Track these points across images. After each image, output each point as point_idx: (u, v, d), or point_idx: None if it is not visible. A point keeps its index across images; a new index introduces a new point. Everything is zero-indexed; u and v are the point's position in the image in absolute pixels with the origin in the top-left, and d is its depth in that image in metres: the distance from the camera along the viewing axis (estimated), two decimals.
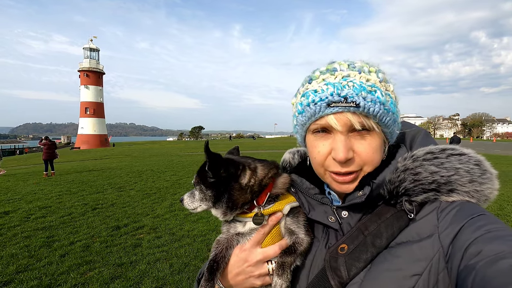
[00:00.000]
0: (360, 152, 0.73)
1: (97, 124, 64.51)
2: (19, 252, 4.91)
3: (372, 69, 0.74)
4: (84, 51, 65.38)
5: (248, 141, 67.27)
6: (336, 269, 0.72)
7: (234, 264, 0.84)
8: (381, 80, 0.73)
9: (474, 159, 0.73)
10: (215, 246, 0.89)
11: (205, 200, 0.85)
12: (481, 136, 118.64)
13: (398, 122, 0.78)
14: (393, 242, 0.70)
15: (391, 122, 0.74)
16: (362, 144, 0.73)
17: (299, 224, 0.85)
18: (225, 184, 0.83)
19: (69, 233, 5.81)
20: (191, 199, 0.88)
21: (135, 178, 12.52)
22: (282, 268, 0.80)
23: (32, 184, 11.44)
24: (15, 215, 7.11)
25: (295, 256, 0.81)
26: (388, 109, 0.72)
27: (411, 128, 0.88)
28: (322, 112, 0.72)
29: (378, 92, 0.71)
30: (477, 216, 0.63)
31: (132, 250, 4.98)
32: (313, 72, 0.78)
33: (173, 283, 3.90)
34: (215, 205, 0.84)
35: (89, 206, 7.83)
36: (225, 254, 0.86)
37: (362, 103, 0.69)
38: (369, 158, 0.74)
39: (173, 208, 7.53)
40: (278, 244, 0.84)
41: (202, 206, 0.87)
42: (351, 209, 0.79)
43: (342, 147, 0.71)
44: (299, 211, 0.87)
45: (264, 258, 0.83)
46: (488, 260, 0.52)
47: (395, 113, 0.75)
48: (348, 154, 0.72)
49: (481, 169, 0.71)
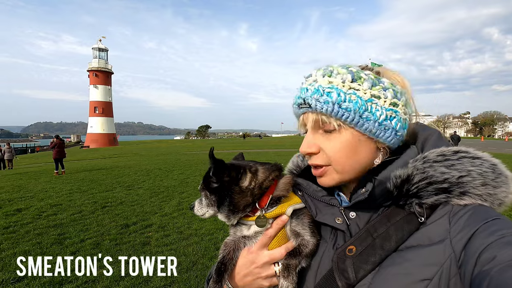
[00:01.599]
0: (324, 148, 0.79)
1: (106, 123, 65.42)
2: (32, 249, 5.02)
3: (341, 71, 0.77)
4: (93, 51, 66.32)
5: (254, 140, 67.29)
6: (343, 270, 0.71)
7: (242, 266, 0.86)
8: (344, 81, 0.76)
9: (488, 162, 0.72)
10: (222, 248, 0.90)
11: (210, 205, 0.87)
12: (492, 135, 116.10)
13: (377, 120, 0.75)
14: (402, 246, 0.69)
15: (355, 120, 0.74)
16: (329, 140, 0.79)
17: (304, 226, 0.85)
18: (227, 188, 0.84)
19: (80, 231, 5.92)
20: (200, 206, 0.91)
21: (143, 176, 12.66)
22: (288, 270, 0.81)
23: (44, 182, 11.67)
24: (28, 213, 7.27)
25: (300, 258, 0.82)
26: (348, 108, 0.74)
27: (424, 129, 0.87)
28: (297, 112, 0.84)
29: (334, 93, 0.75)
30: (491, 220, 0.62)
31: (140, 248, 5.04)
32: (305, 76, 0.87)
33: (181, 282, 3.94)
34: (219, 209, 0.86)
35: (99, 204, 7.96)
36: (233, 256, 0.88)
37: (313, 103, 0.76)
38: (333, 155, 0.78)
39: (181, 207, 7.60)
40: (284, 247, 0.85)
41: (209, 212, 0.89)
42: (358, 209, 0.79)
43: (304, 142, 0.81)
44: (304, 213, 0.87)
45: (271, 260, 0.84)
46: (502, 266, 0.51)
47: (361, 111, 0.74)
48: (308, 148, 0.80)
49: (495, 173, 0.69)
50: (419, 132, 0.86)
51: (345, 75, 0.77)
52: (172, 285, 3.87)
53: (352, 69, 0.78)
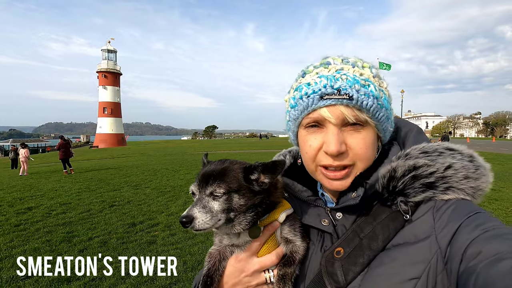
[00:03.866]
0: (353, 147, 0.71)
1: (115, 124, 66.30)
2: (41, 246, 5.13)
3: (365, 64, 0.74)
4: (102, 52, 67.33)
5: (255, 140, 67.29)
6: (332, 274, 0.70)
7: (231, 275, 0.81)
8: (374, 76, 0.73)
9: (466, 155, 0.73)
10: (207, 259, 0.86)
11: (231, 211, 0.82)
12: (504, 135, 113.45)
13: (391, 119, 0.78)
14: (389, 244, 0.68)
15: (384, 118, 0.74)
16: (355, 138, 0.71)
17: (296, 232, 0.82)
18: (266, 192, 0.80)
19: (88, 229, 6.01)
20: (207, 215, 0.85)
21: (150, 176, 12.79)
22: (283, 281, 0.78)
23: (54, 181, 11.89)
24: (38, 211, 7.43)
25: (295, 266, 0.79)
26: (382, 105, 0.72)
27: (404, 125, 0.88)
28: (315, 104, 0.71)
29: (371, 86, 0.70)
30: (473, 214, 0.62)
31: (147, 246, 5.10)
32: (307, 67, 0.78)
33: (186, 280, 3.97)
34: (242, 215, 0.81)
35: (107, 203, 8.07)
36: (218, 267, 0.83)
37: (355, 95, 0.68)
38: (362, 153, 0.72)
39: (187, 206, 7.62)
40: (274, 253, 0.82)
41: (221, 220, 0.83)
42: (345, 211, 0.78)
43: (334, 140, 0.69)
44: (295, 218, 0.84)
45: (261, 267, 0.81)
46: (488, 262, 0.51)
47: (388, 109, 0.75)
48: (340, 147, 0.70)
49: (475, 165, 0.71)
50: (399, 127, 0.86)
51: (371, 69, 0.74)
52: (178, 284, 3.90)
53: (366, 62, 0.76)
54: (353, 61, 0.73)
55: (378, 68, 0.78)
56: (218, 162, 0.83)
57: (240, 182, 0.76)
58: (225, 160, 0.83)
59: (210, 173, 0.78)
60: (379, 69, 0.79)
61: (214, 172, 0.78)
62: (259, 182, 0.78)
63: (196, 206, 0.75)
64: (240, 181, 0.76)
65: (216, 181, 0.76)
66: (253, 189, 0.77)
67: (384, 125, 0.75)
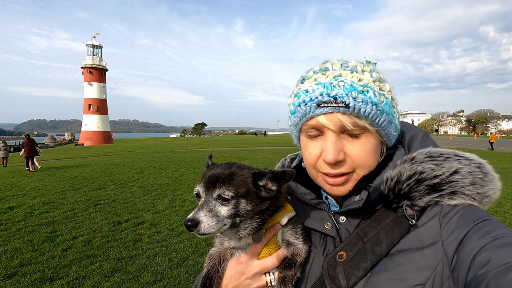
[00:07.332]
0: (351, 154, 0.71)
1: (100, 121, 64.86)
2: (23, 246, 5.04)
3: (366, 68, 0.72)
4: (87, 48, 65.55)
5: (251, 138, 67.30)
6: (334, 278, 0.69)
7: (231, 278, 0.80)
8: (375, 80, 0.71)
9: (475, 162, 0.71)
10: (207, 261, 0.85)
11: (237, 216, 0.81)
12: (485, 133, 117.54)
13: (395, 123, 0.76)
14: (393, 249, 0.67)
15: (385, 123, 0.71)
16: (354, 146, 0.71)
17: (297, 235, 0.81)
18: (274, 198, 0.80)
19: (72, 228, 5.94)
20: (214, 219, 0.81)
21: (137, 174, 12.66)
22: (284, 283, 0.77)
23: (36, 180, 11.62)
24: (19, 211, 7.26)
25: (295, 269, 0.79)
26: (382, 110, 0.70)
27: (409, 128, 0.86)
28: (312, 112, 0.70)
29: (370, 92, 0.68)
30: (482, 221, 0.60)
31: (132, 245, 5.09)
32: (307, 71, 0.77)
33: (171, 277, 4.01)
34: (249, 220, 0.80)
35: (92, 202, 7.97)
36: (218, 268, 0.82)
37: (352, 103, 0.66)
38: (362, 161, 0.71)
39: (174, 204, 7.64)
40: (275, 255, 0.81)
41: (227, 225, 0.83)
42: (349, 214, 0.77)
43: (332, 149, 0.69)
44: (296, 221, 0.84)
45: (262, 270, 0.79)
46: (499, 271, 0.50)
47: (390, 114, 0.72)
48: (338, 156, 0.69)
49: (482, 171, 0.69)
50: (405, 131, 0.85)
51: (372, 73, 0.72)
52: (162, 281, 3.93)
53: (371, 66, 0.74)
54: (353, 66, 0.72)
55: (379, 72, 0.75)
56: (226, 165, 0.81)
57: (249, 188, 0.74)
58: (232, 164, 0.81)
59: (218, 176, 0.75)
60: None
61: (222, 175, 0.75)
62: (267, 189, 0.77)
63: (202, 209, 0.71)
64: (248, 186, 0.75)
65: (224, 184, 0.73)
66: (260, 195, 0.76)
67: (386, 130, 0.73)
